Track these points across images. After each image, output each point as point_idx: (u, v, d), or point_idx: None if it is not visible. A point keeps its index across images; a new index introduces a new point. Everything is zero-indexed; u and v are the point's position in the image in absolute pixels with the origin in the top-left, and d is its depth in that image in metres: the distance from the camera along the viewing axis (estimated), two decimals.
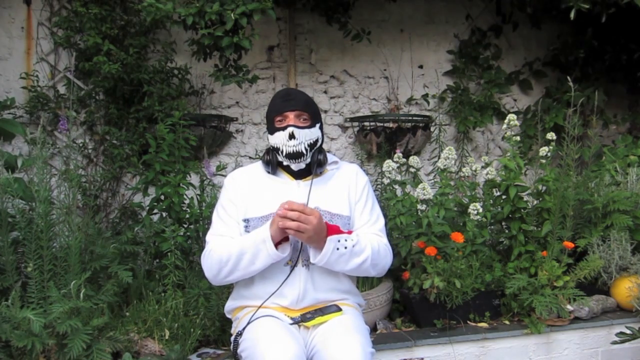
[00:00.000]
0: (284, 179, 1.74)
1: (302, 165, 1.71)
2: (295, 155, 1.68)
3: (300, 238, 1.56)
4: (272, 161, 1.72)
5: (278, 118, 1.70)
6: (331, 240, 1.56)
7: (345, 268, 1.62)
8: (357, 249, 1.61)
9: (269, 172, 1.74)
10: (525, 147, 3.58)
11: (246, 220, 1.68)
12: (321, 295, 1.67)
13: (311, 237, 1.53)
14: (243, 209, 1.69)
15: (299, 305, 1.64)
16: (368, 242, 1.65)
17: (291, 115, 1.68)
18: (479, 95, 3.75)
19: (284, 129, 1.67)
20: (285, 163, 1.71)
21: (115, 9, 2.97)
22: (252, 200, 1.70)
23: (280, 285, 1.63)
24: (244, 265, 1.59)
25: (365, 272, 1.69)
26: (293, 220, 1.49)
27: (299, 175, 1.73)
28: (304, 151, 1.68)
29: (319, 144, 1.73)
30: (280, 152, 1.69)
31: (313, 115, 1.71)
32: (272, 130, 1.71)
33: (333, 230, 1.59)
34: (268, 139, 1.74)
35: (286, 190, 1.70)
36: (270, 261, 1.58)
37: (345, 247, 1.58)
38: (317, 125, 1.73)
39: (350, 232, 1.65)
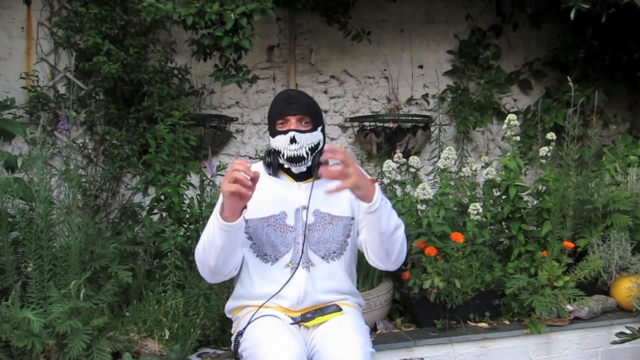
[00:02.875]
0: (285, 181, 1.74)
1: (303, 169, 1.70)
2: (296, 159, 1.67)
3: (346, 180, 1.45)
4: (273, 163, 1.71)
5: (279, 121, 1.68)
6: (376, 185, 1.52)
7: (390, 222, 1.55)
8: (390, 206, 1.57)
9: (270, 174, 1.74)
10: (525, 147, 3.58)
11: (246, 221, 1.67)
12: (321, 297, 1.66)
13: (358, 179, 1.45)
14: None
15: (299, 307, 1.64)
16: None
17: (292, 119, 1.66)
18: (479, 95, 3.75)
19: (285, 132, 1.66)
20: (286, 166, 1.71)
21: (115, 9, 2.97)
22: (252, 201, 1.69)
23: (282, 288, 1.63)
24: (209, 245, 1.53)
25: (397, 244, 1.60)
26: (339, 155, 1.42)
27: (300, 177, 1.73)
28: (305, 155, 1.67)
29: (320, 147, 1.72)
30: (281, 155, 1.69)
31: (315, 119, 1.70)
32: (273, 133, 1.70)
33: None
34: (270, 141, 1.73)
35: (287, 192, 1.70)
36: (224, 234, 1.49)
37: (382, 199, 1.52)
38: (319, 129, 1.72)
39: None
